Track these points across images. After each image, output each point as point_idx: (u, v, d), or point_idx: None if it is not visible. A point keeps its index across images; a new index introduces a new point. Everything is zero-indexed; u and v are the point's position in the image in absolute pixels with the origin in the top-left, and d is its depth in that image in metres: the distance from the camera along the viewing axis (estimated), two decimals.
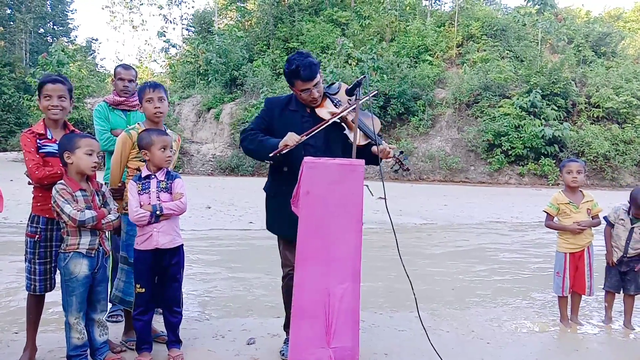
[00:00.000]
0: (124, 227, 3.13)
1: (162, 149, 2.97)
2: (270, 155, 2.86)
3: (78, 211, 2.74)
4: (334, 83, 3.23)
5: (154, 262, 2.97)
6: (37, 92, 3.02)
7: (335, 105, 3.10)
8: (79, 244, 2.80)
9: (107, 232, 2.98)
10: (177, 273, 3.06)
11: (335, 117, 2.98)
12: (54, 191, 2.77)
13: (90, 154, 2.83)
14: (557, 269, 4.05)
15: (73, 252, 2.80)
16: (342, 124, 3.06)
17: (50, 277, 2.97)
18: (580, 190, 4.05)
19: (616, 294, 4.10)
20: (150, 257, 2.95)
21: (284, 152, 2.86)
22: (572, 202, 3.97)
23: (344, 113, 3.00)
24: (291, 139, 2.84)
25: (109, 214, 2.90)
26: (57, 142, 2.91)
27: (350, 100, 3.06)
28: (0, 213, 2.90)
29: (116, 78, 3.95)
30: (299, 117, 3.08)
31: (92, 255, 2.84)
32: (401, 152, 3.10)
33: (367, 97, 3.03)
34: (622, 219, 4.02)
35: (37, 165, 2.88)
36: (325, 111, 3.06)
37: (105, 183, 3.21)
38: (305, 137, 2.89)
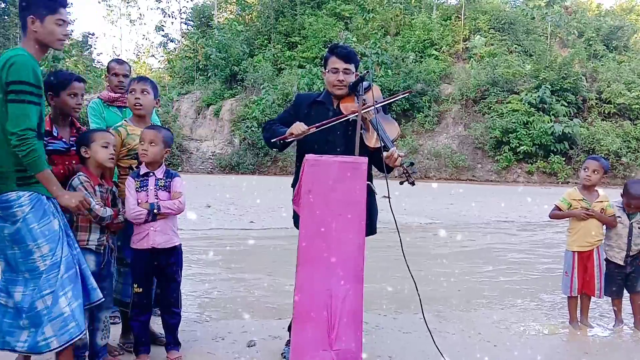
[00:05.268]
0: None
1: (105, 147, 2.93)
2: (273, 140, 2.94)
3: (100, 206, 2.78)
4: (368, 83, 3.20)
5: (151, 262, 2.98)
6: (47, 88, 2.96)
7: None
8: (88, 240, 2.82)
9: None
10: (175, 273, 3.07)
11: (349, 114, 2.99)
12: (77, 181, 2.78)
13: (106, 147, 2.86)
14: (566, 268, 4.04)
15: (81, 249, 2.81)
16: (362, 123, 3.04)
17: None
18: (597, 190, 4.04)
19: (628, 294, 4.09)
20: (146, 257, 2.97)
21: (289, 140, 2.95)
22: (585, 199, 3.97)
23: (362, 111, 2.97)
24: (297, 127, 2.91)
25: (119, 214, 2.92)
26: (63, 140, 2.92)
27: (376, 101, 3.04)
28: None
29: (110, 73, 3.91)
30: (324, 109, 3.13)
31: (101, 251, 2.87)
32: (411, 164, 3.01)
33: (401, 96, 3.34)
34: (619, 217, 4.00)
35: None
36: (347, 107, 3.09)
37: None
38: (314, 129, 2.92)
